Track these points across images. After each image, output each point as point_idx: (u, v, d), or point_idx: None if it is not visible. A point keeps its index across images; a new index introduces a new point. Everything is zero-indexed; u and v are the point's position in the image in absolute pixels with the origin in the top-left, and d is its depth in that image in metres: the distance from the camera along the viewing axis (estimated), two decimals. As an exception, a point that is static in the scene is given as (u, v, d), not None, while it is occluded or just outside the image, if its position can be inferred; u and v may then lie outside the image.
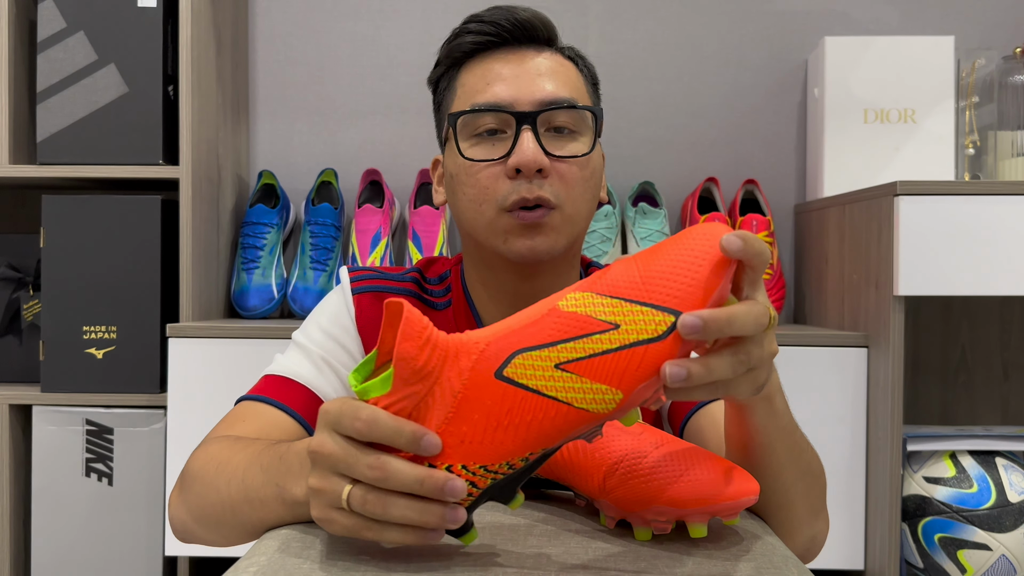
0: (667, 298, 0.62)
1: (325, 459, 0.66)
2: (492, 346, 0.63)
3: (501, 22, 1.02)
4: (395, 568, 0.66)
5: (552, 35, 1.05)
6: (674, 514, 0.70)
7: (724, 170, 1.95)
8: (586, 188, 1.01)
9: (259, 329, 1.58)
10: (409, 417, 0.64)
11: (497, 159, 0.99)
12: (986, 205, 1.45)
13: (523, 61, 1.02)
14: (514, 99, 0.99)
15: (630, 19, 1.97)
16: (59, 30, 1.69)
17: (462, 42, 1.04)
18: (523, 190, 0.97)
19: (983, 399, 1.91)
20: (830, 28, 1.94)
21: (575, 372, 0.62)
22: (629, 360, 0.61)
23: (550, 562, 0.67)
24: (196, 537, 0.90)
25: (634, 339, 0.61)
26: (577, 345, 0.62)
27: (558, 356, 0.62)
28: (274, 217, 1.85)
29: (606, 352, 0.61)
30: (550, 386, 0.62)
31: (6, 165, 1.70)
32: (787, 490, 0.82)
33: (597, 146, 1.03)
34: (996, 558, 1.48)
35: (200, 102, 1.72)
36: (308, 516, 0.74)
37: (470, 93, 1.02)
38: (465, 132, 1.01)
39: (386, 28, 1.97)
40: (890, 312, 1.46)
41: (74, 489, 1.67)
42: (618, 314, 0.62)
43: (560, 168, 0.99)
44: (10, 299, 1.80)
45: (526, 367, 0.62)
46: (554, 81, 1.01)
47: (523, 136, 0.97)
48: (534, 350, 0.62)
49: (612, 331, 0.61)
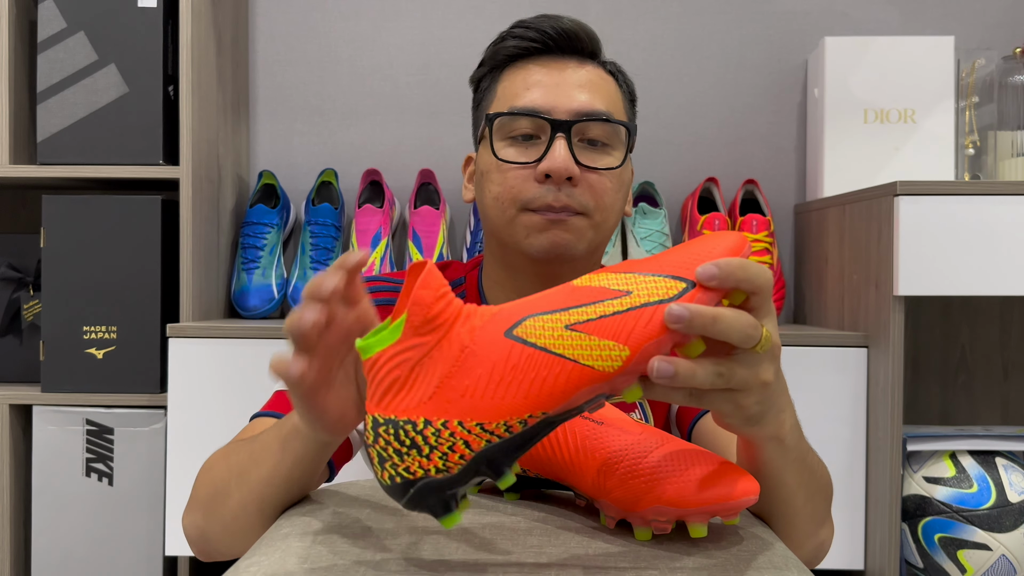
0: (679, 270, 0.64)
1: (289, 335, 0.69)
2: (505, 311, 0.64)
3: (546, 30, 1.03)
4: (395, 569, 0.66)
5: (596, 48, 1.06)
6: (674, 514, 0.70)
7: (724, 170, 1.95)
8: (614, 200, 1.02)
9: (259, 329, 1.58)
10: (412, 370, 0.63)
11: (529, 162, 1.00)
12: (986, 205, 1.45)
13: (564, 70, 1.03)
14: (551, 106, 1.00)
15: (630, 19, 1.97)
16: (59, 30, 1.69)
17: (506, 46, 1.05)
18: (550, 197, 0.98)
19: (983, 399, 1.91)
20: (830, 28, 1.94)
21: (584, 332, 0.62)
22: (638, 319, 0.62)
23: (550, 562, 0.67)
24: (208, 537, 0.88)
25: (644, 301, 0.62)
26: (588, 309, 0.63)
27: (568, 318, 0.62)
28: (274, 217, 1.85)
29: (616, 313, 0.62)
30: (558, 344, 0.62)
31: (6, 165, 1.70)
32: (796, 513, 0.83)
33: (628, 161, 1.04)
34: (996, 558, 1.48)
35: (200, 102, 1.72)
36: (297, 450, 0.77)
37: (509, 96, 1.03)
38: (500, 133, 1.02)
39: (386, 28, 1.97)
40: (890, 312, 1.46)
41: (74, 489, 1.67)
42: (631, 284, 0.63)
43: (590, 178, 1.00)
44: (10, 299, 1.80)
45: (536, 327, 0.63)
46: (592, 93, 1.01)
47: (556, 143, 0.98)
48: (546, 314, 0.63)
49: (623, 297, 0.63)
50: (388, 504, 0.81)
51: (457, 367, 0.62)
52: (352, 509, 0.79)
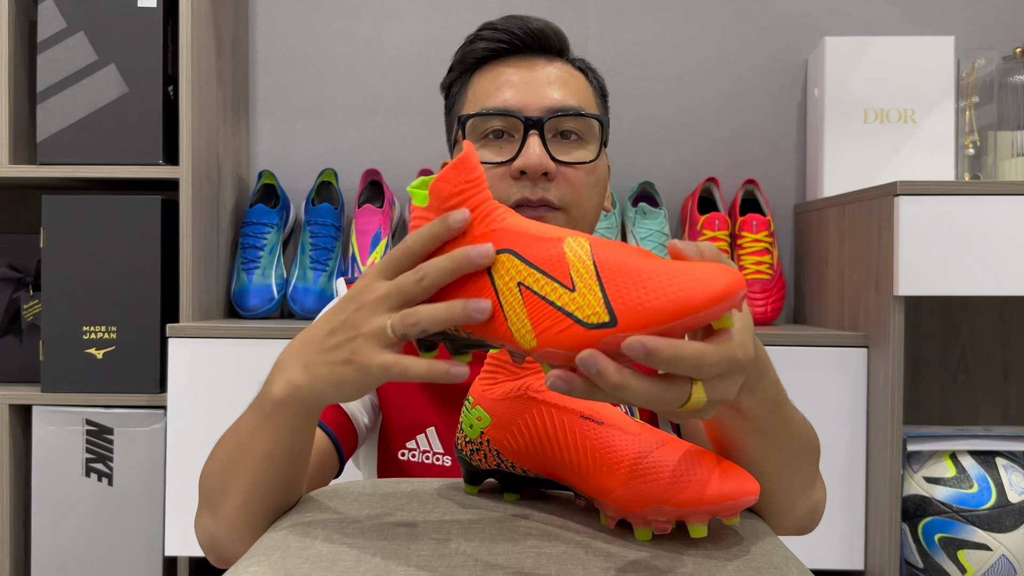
0: (622, 300, 0.60)
1: (378, 301, 0.69)
2: (504, 232, 0.67)
3: (514, 30, 1.05)
4: (395, 569, 0.66)
5: (564, 46, 1.07)
6: (674, 514, 0.70)
7: (724, 170, 1.95)
8: (592, 194, 1.03)
9: (259, 329, 1.58)
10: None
11: (503, 161, 1.01)
12: (986, 205, 1.45)
13: (534, 69, 1.04)
14: (523, 105, 1.02)
15: (630, 19, 1.97)
16: (59, 30, 1.69)
17: (475, 48, 1.07)
18: (527, 191, 1.00)
19: (983, 399, 1.91)
20: (830, 28, 1.94)
21: (524, 298, 0.64)
22: (556, 321, 0.62)
23: (550, 562, 0.67)
24: (218, 539, 0.86)
25: (572, 309, 0.62)
26: (541, 280, 0.64)
27: (524, 277, 0.65)
28: (274, 217, 1.85)
29: (549, 302, 0.63)
30: (505, 294, 0.65)
31: (6, 165, 1.70)
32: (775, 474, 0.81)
33: (603, 155, 1.05)
34: (996, 558, 1.48)
35: (200, 102, 1.72)
36: (288, 423, 0.76)
37: (481, 97, 1.04)
38: (474, 135, 1.03)
39: (386, 28, 1.97)
40: (890, 312, 1.46)
41: (74, 489, 1.67)
42: (583, 281, 0.63)
43: (566, 172, 1.01)
44: (10, 299, 1.80)
45: (505, 265, 0.66)
46: (563, 89, 1.03)
47: (530, 140, 1.00)
48: (520, 260, 0.65)
49: (567, 291, 0.63)
50: (388, 504, 0.81)
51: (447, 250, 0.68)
52: (352, 509, 0.79)
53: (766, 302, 1.79)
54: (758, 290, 1.79)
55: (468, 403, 0.82)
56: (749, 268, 1.80)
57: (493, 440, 0.79)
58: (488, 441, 0.80)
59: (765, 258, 1.81)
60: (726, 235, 1.82)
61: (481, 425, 0.80)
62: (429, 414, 1.07)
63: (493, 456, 0.80)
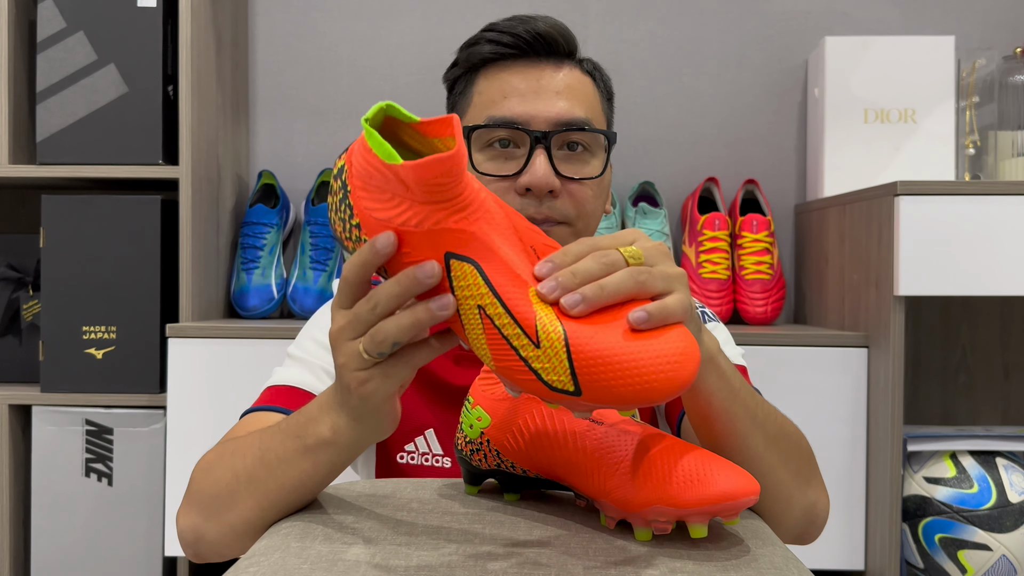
0: (590, 378, 0.61)
1: (340, 331, 0.69)
2: (473, 239, 0.64)
3: (520, 34, 1.02)
4: (395, 569, 0.66)
5: (572, 48, 1.04)
6: (674, 514, 0.70)
7: (724, 170, 1.95)
8: (595, 207, 1.03)
9: (259, 329, 1.58)
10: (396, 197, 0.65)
11: (508, 176, 0.99)
12: (986, 205, 1.45)
13: (540, 77, 1.01)
14: (530, 116, 0.99)
15: (630, 19, 1.96)
16: (59, 30, 1.68)
17: (480, 50, 1.03)
18: (531, 209, 0.98)
19: (983, 399, 1.91)
20: (830, 28, 1.94)
21: (484, 325, 0.64)
22: (518, 369, 0.63)
23: (550, 562, 0.67)
24: (207, 540, 0.86)
25: (536, 366, 0.62)
26: (504, 317, 0.63)
27: (486, 304, 0.64)
28: (274, 217, 1.85)
29: (513, 347, 0.63)
30: (463, 307, 0.64)
31: (6, 165, 1.70)
32: (761, 458, 0.82)
33: (608, 166, 1.04)
34: (996, 558, 1.48)
35: (200, 102, 1.72)
36: (331, 460, 0.76)
37: (486, 103, 1.02)
38: (479, 143, 1.01)
39: (386, 28, 1.97)
40: (890, 312, 1.46)
41: (74, 489, 1.67)
42: (551, 346, 0.62)
43: (571, 187, 1.00)
44: (10, 299, 1.80)
45: (467, 279, 0.64)
46: (570, 99, 1.01)
47: (536, 157, 0.98)
48: (482, 278, 0.64)
49: (532, 346, 0.62)
50: (388, 504, 0.81)
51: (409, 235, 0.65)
52: (352, 509, 0.79)
53: (766, 302, 1.79)
54: (758, 290, 1.79)
55: (468, 403, 0.82)
56: (749, 268, 1.80)
57: (493, 440, 0.79)
58: (488, 441, 0.80)
59: (765, 258, 1.81)
60: (726, 235, 1.82)
61: (481, 425, 0.80)
62: (427, 416, 1.07)
63: (493, 456, 0.80)
